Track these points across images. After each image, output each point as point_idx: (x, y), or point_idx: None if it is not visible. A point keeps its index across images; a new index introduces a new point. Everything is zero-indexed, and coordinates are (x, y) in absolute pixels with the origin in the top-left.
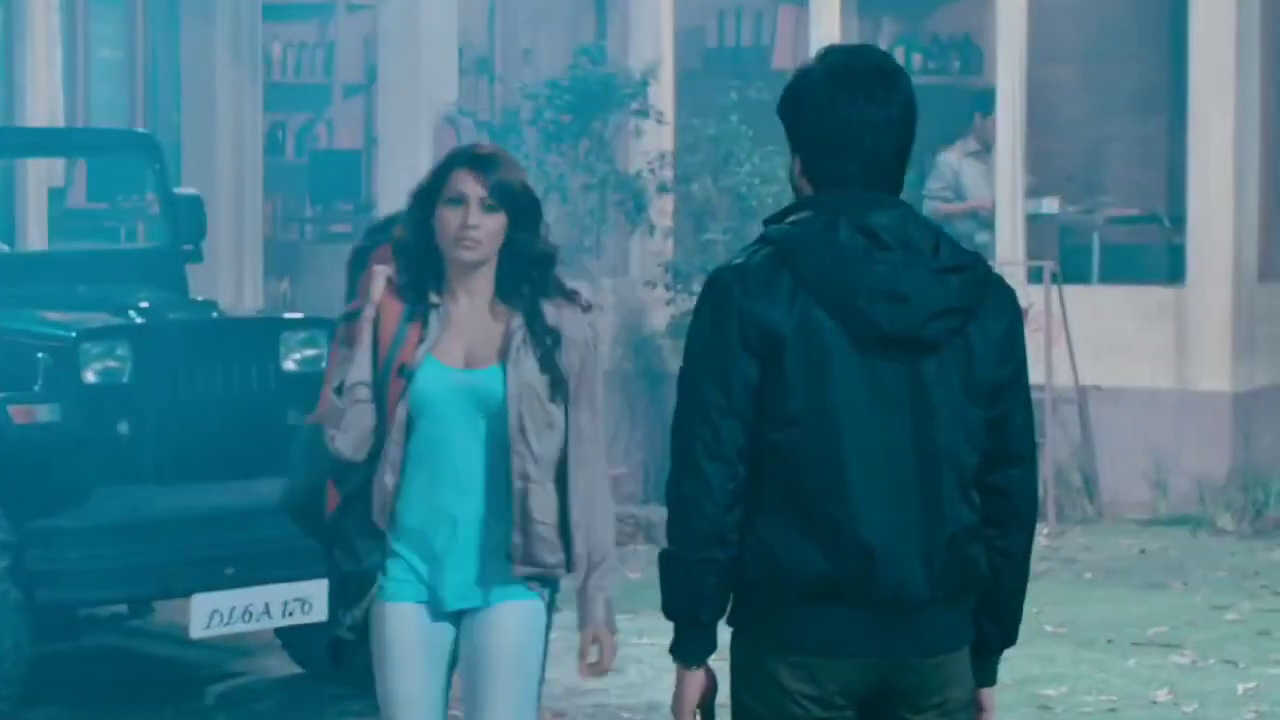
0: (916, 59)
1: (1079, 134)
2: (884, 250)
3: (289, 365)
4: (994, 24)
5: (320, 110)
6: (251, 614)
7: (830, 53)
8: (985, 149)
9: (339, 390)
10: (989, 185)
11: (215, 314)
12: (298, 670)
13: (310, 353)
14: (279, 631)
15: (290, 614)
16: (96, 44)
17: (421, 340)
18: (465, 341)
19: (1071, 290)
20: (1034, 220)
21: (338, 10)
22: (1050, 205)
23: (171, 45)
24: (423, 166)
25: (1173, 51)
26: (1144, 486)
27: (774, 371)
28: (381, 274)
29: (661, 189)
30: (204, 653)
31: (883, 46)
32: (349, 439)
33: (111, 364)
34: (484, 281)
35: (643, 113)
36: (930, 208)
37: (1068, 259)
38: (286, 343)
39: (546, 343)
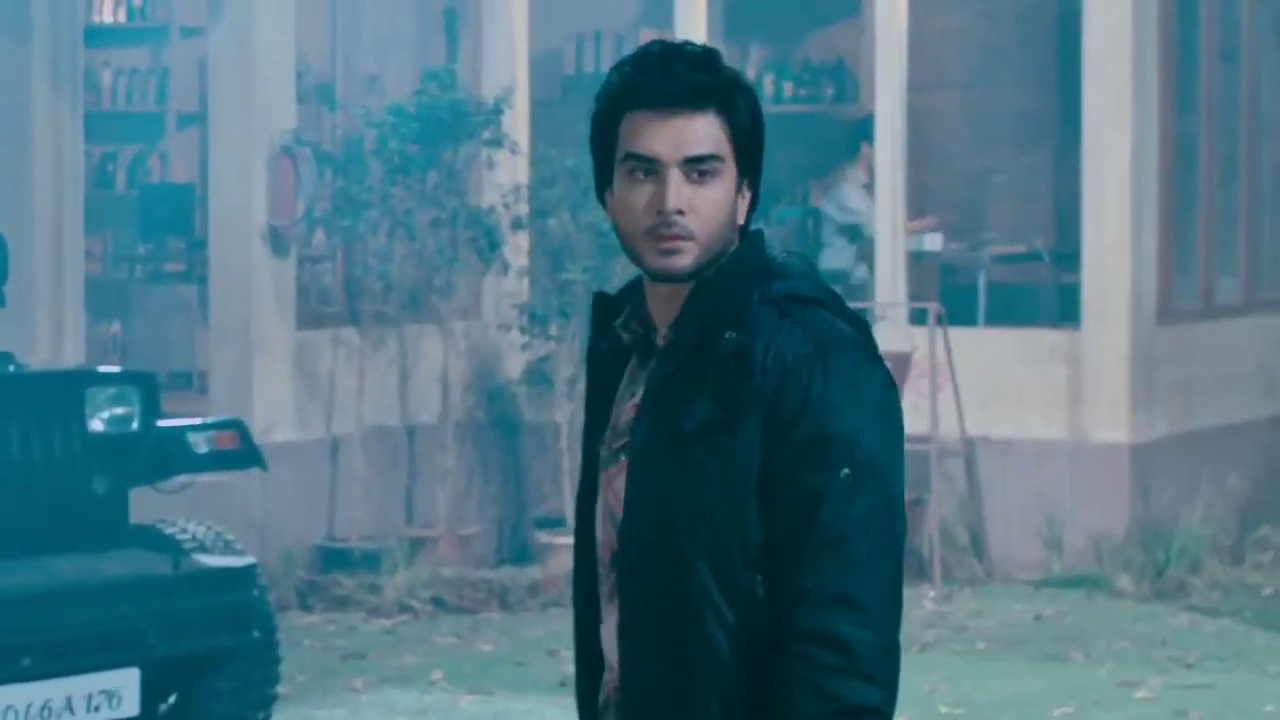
0: (787, 86)
1: (961, 166)
2: None
3: (96, 425)
4: (870, 50)
5: (153, 141)
6: (51, 710)
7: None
8: (874, 180)
9: None
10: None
11: (12, 367)
12: None
13: (120, 411)
14: None
15: (96, 709)
16: None
17: None
18: None
19: (957, 333)
20: (916, 258)
21: (171, 34)
22: (933, 242)
23: None
24: (257, 200)
25: (1060, 77)
26: (1036, 545)
27: None
28: None
29: (516, 225)
30: None
31: (751, 73)
32: None
33: None
34: None
35: (496, 142)
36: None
37: (951, 299)
38: (93, 400)
39: None
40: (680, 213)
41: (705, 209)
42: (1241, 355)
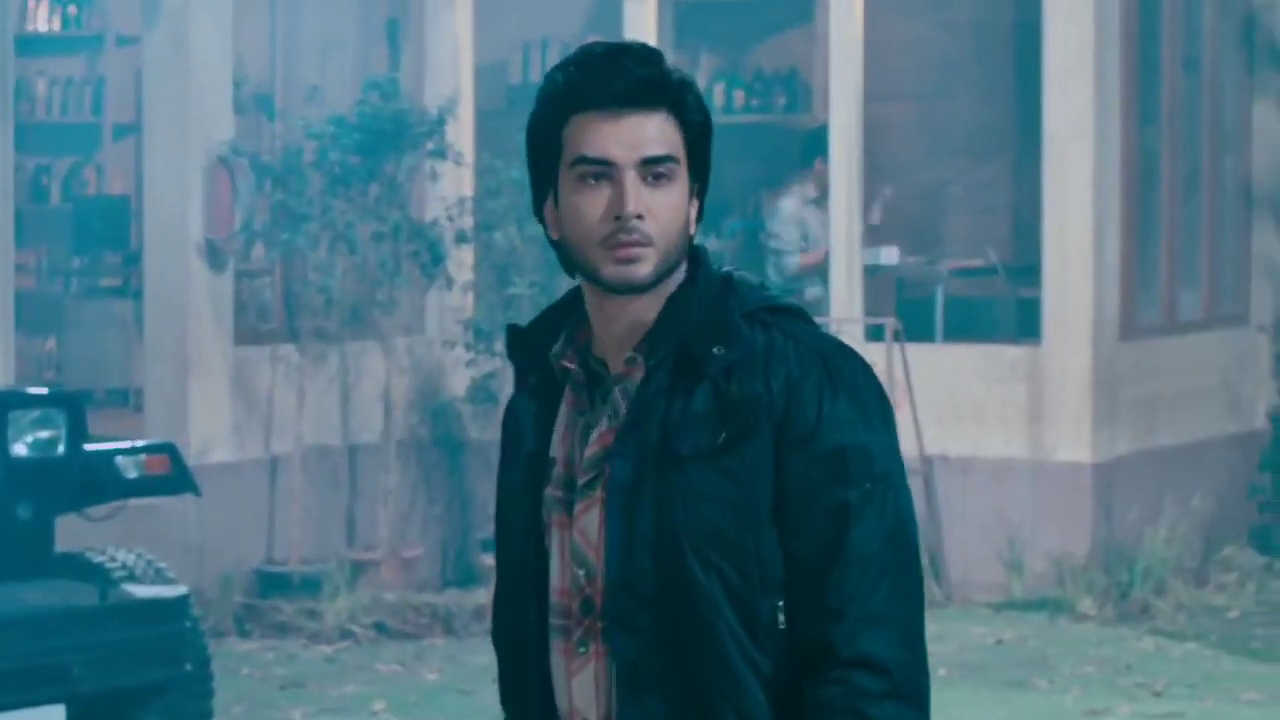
0: (738, 95)
1: (918, 178)
2: None
3: (19, 450)
4: (824, 59)
5: (89, 152)
6: None
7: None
8: (825, 195)
9: None
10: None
11: None
12: None
13: (45, 434)
14: None
15: None
16: None
17: None
18: None
19: (914, 349)
20: (871, 272)
21: (107, 43)
22: (889, 255)
23: None
24: (193, 213)
25: (1017, 88)
26: (996, 566)
27: None
28: None
29: (460, 238)
30: None
31: (701, 83)
32: None
33: None
34: None
35: (439, 153)
36: (790, 262)
37: (908, 314)
38: (16, 423)
39: None
40: (639, 217)
41: (663, 214)
42: (1204, 371)
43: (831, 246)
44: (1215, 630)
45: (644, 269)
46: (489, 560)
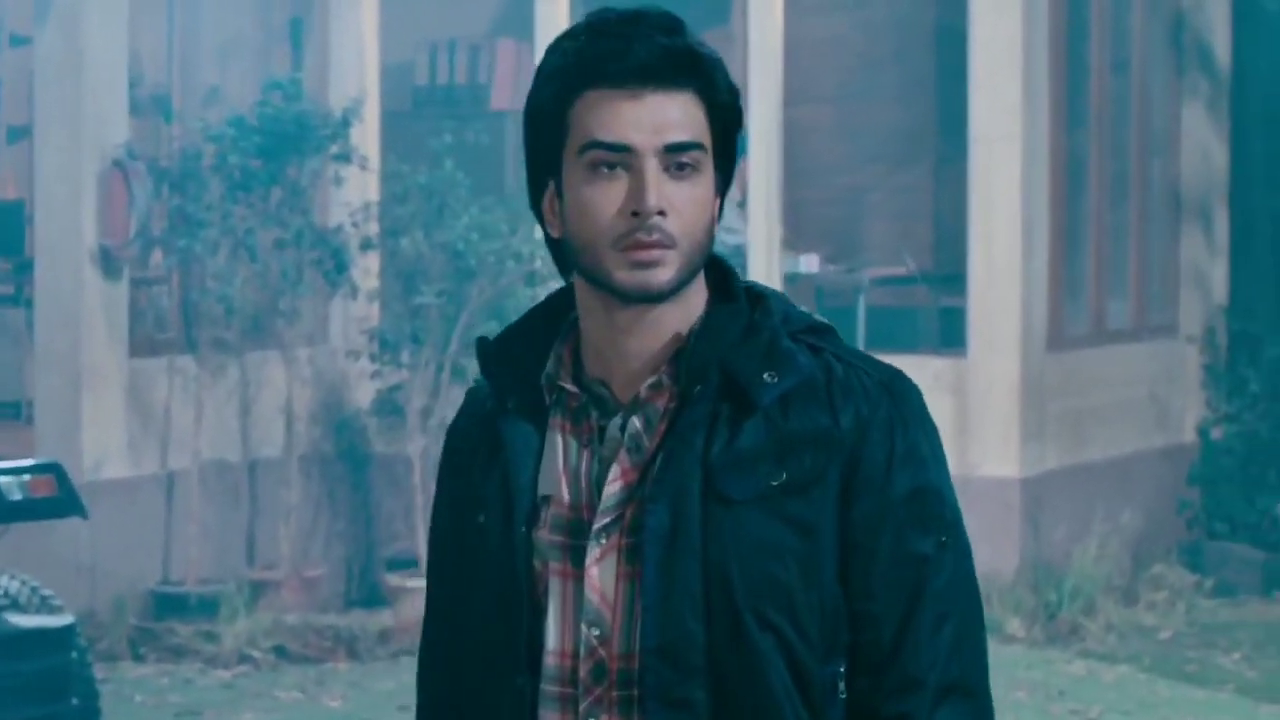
0: None
1: (838, 183)
2: None
3: None
4: (741, 60)
5: None
6: None
7: None
8: (745, 198)
9: None
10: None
11: None
12: None
13: None
14: None
15: None
16: None
17: None
18: None
19: None
20: (790, 279)
21: None
22: (809, 263)
23: None
24: (87, 219)
25: (941, 90)
26: None
27: None
28: None
29: (365, 245)
30: None
31: None
32: None
33: None
34: None
35: (344, 156)
36: None
37: None
38: None
39: None
40: (661, 213)
41: (687, 210)
42: (1133, 383)
43: (750, 253)
44: (1147, 652)
45: (665, 274)
46: (395, 580)
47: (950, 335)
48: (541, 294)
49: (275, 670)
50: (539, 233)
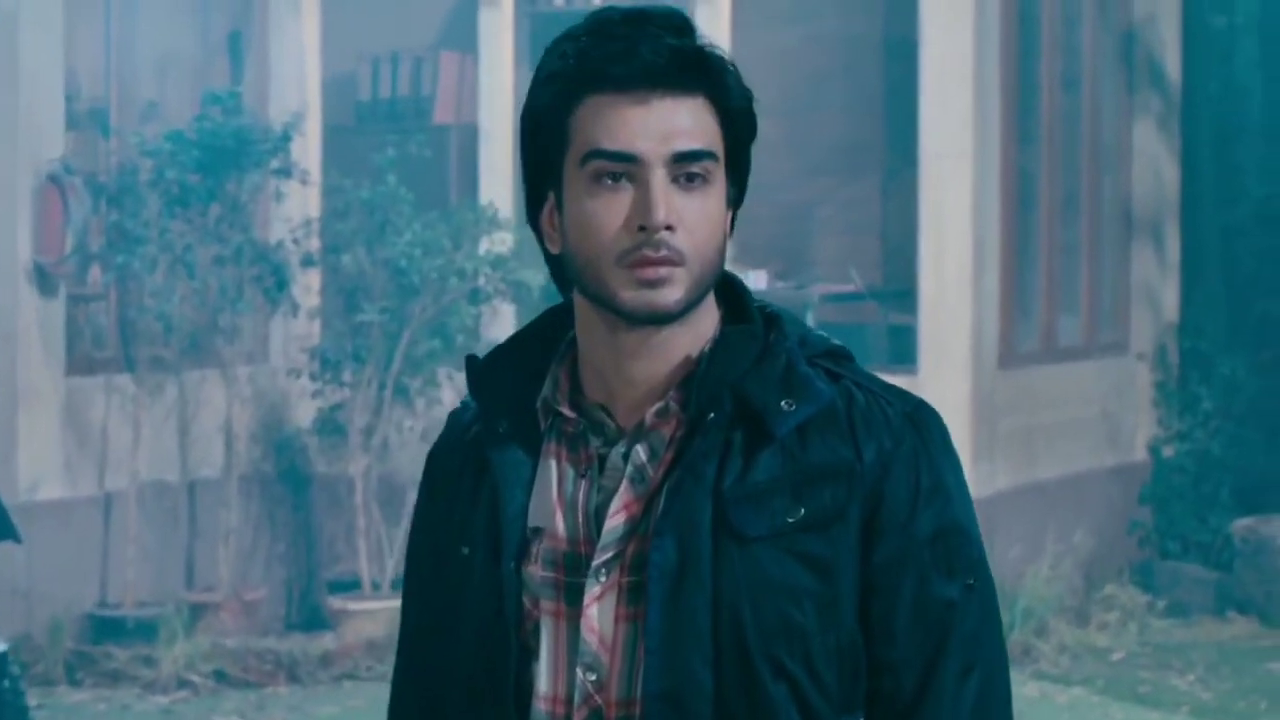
0: None
1: (786, 198)
2: None
3: None
4: None
5: None
6: None
7: None
8: None
9: None
10: None
11: None
12: None
13: None
14: None
15: None
16: None
17: None
18: None
19: None
20: None
21: None
22: (757, 279)
23: None
24: (22, 234)
25: (890, 104)
26: None
27: None
28: None
29: (306, 262)
30: None
31: None
32: None
33: None
34: None
35: (284, 171)
36: None
37: None
38: None
39: None
40: (670, 228)
41: (698, 225)
42: (1084, 401)
43: None
44: (1101, 674)
45: (674, 294)
46: (336, 603)
47: (900, 352)
48: (486, 312)
49: (215, 695)
50: (483, 248)
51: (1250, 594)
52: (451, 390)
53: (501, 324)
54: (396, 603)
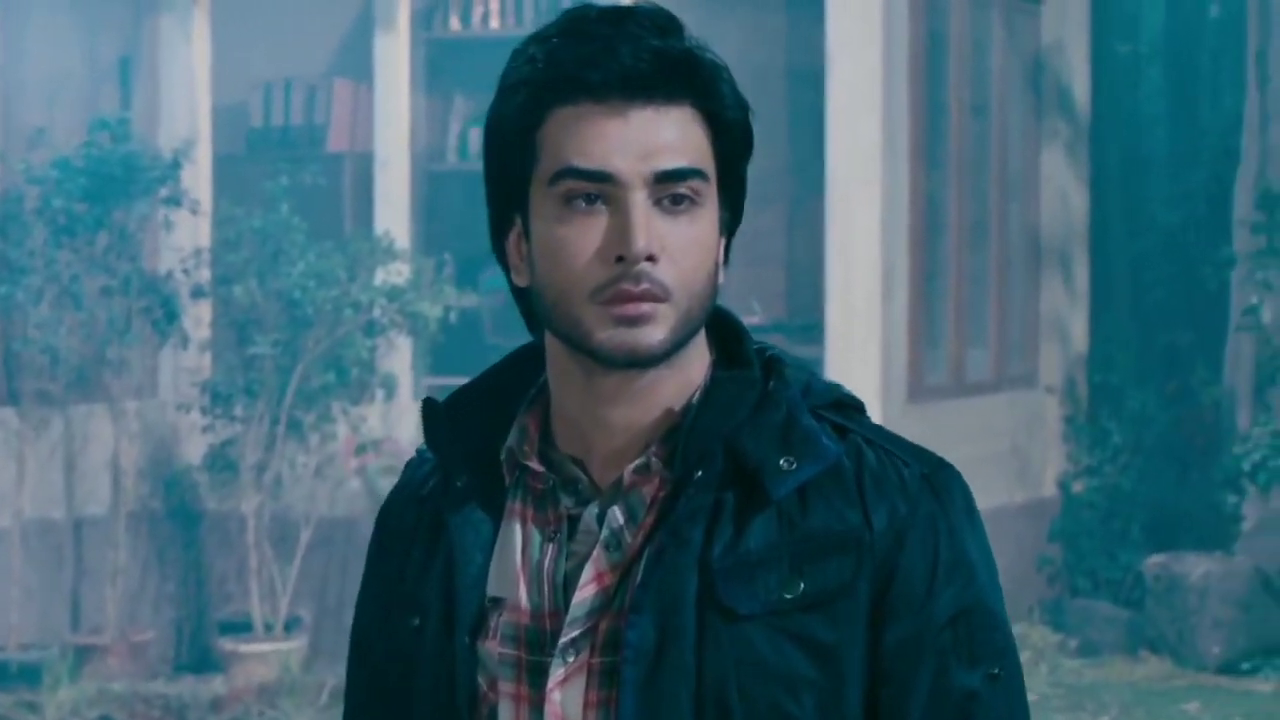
0: None
1: None
2: None
3: None
4: None
5: None
6: None
7: None
8: None
9: None
10: None
11: None
12: None
13: None
14: None
15: None
16: None
17: None
18: None
19: None
20: None
21: None
22: None
23: None
24: None
25: (793, 133)
26: None
27: None
28: None
29: (197, 293)
30: None
31: (455, 126)
32: None
33: None
34: None
35: (174, 200)
36: None
37: None
38: None
39: None
40: (652, 258)
41: (685, 254)
42: (993, 435)
43: None
44: None
45: (657, 334)
46: (228, 645)
47: None
48: (382, 344)
49: None
50: (379, 279)
51: (1163, 632)
52: (346, 425)
53: (398, 357)
54: (289, 644)
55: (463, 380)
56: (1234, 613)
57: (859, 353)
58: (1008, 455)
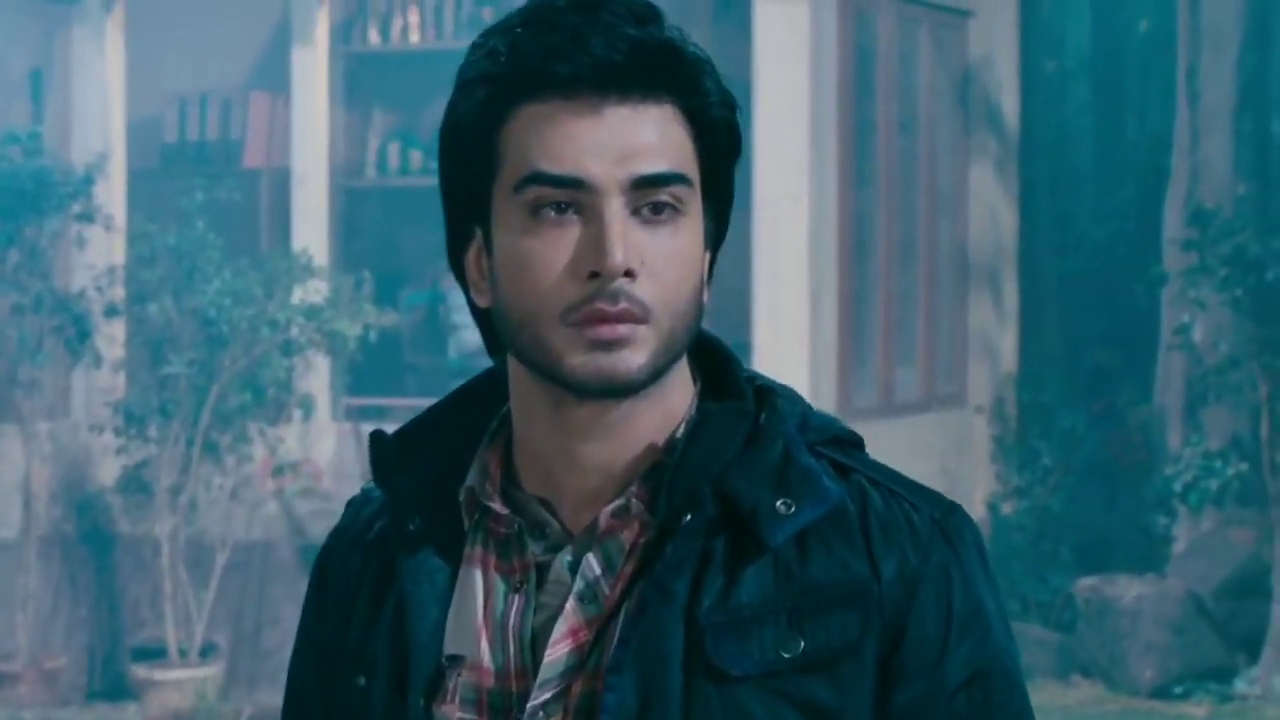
0: (415, 156)
1: None
2: None
3: None
4: None
5: None
6: None
7: None
8: None
9: None
10: None
11: None
12: None
13: None
14: None
15: None
16: None
17: None
18: None
19: None
20: None
21: None
22: None
23: None
24: None
25: None
26: None
27: None
28: None
29: (110, 311)
30: None
31: (374, 142)
32: None
33: None
34: None
35: (87, 216)
36: (472, 338)
37: None
38: None
39: None
40: (630, 274)
41: (667, 270)
42: (922, 456)
43: None
44: None
45: (635, 358)
46: (142, 671)
47: None
48: (299, 364)
49: None
50: (296, 297)
51: (1094, 656)
52: (263, 446)
53: (316, 376)
54: (204, 671)
55: (381, 401)
56: (1166, 636)
57: (787, 371)
58: (937, 476)
